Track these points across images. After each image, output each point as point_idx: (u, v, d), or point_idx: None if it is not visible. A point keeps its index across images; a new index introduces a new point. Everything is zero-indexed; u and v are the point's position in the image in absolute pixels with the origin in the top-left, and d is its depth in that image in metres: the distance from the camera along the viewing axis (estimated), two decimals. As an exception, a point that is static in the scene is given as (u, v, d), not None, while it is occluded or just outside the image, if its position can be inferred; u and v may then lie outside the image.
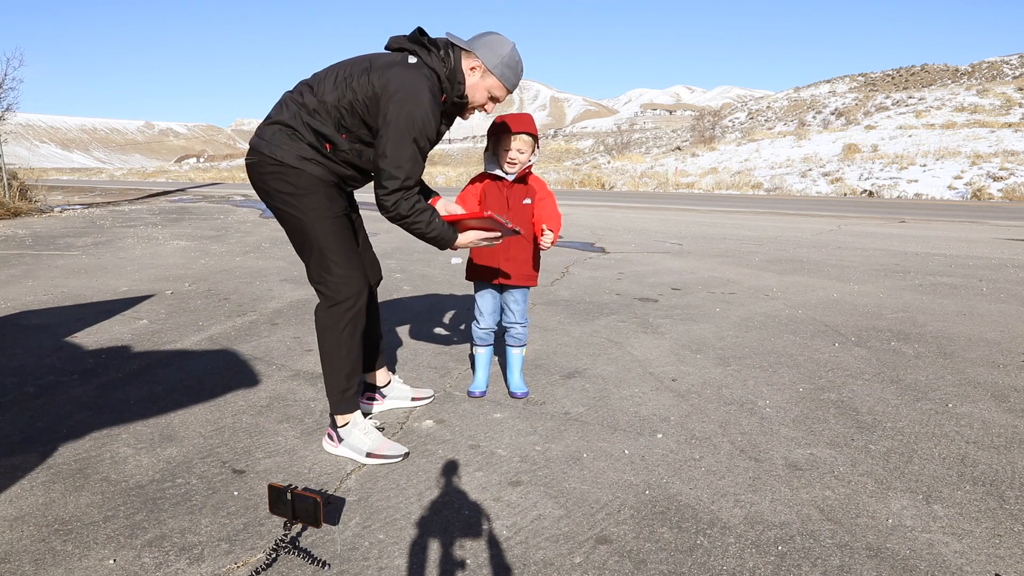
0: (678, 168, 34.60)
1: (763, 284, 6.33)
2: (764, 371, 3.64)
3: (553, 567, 1.83)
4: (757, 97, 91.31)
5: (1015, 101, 44.82)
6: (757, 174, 30.11)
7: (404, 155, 2.20)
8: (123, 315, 4.88)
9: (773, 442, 2.68)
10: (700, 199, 22.57)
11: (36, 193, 15.70)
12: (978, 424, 2.89)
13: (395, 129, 2.19)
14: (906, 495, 2.25)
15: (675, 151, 49.14)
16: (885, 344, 4.19)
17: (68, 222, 12.63)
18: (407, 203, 2.27)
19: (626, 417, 2.95)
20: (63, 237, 9.99)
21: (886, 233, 11.00)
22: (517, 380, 3.24)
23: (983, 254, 8.39)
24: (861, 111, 53.36)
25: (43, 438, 2.68)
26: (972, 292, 5.89)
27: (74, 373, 3.52)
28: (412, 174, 2.24)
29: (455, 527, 2.03)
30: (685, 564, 1.85)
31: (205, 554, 1.87)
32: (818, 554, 1.90)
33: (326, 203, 2.38)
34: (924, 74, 76.85)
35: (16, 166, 16.56)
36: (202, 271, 6.92)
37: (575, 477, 2.37)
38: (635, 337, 4.36)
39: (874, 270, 7.12)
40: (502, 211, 2.94)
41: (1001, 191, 21.81)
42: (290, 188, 2.34)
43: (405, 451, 2.53)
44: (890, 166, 27.03)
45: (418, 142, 2.22)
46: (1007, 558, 1.89)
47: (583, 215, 14.57)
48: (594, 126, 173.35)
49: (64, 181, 45.02)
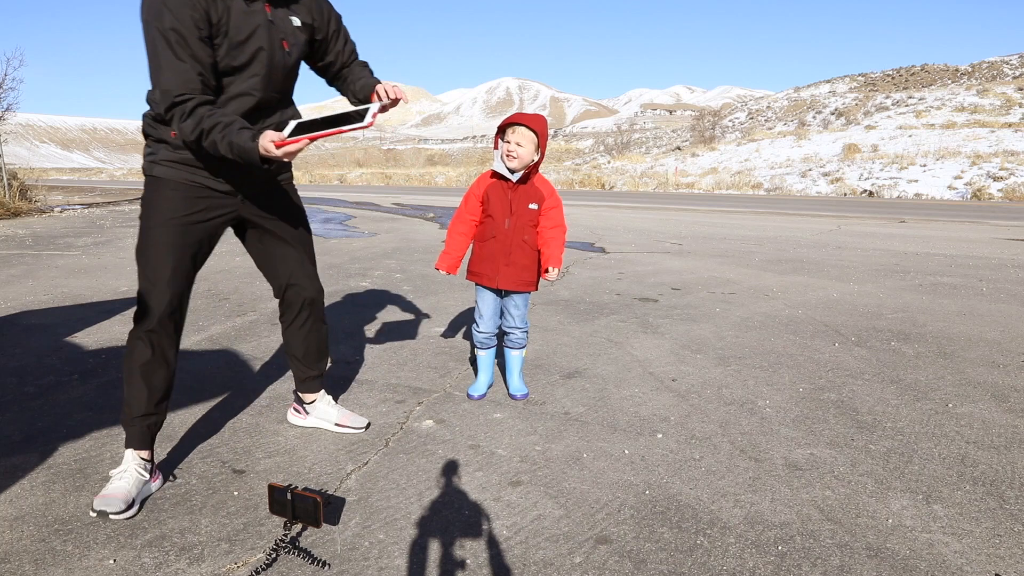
0: (678, 168, 34.60)
1: (763, 284, 6.33)
2: (764, 371, 3.64)
3: (553, 567, 1.83)
4: (757, 97, 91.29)
5: (1015, 101, 44.82)
6: (757, 174, 30.11)
7: (158, 64, 1.84)
8: (123, 315, 4.88)
9: (773, 442, 2.68)
10: (700, 199, 22.56)
11: (36, 193, 15.71)
12: (978, 424, 2.89)
13: (146, 44, 1.86)
14: (906, 495, 2.25)
15: (675, 151, 49.14)
16: (885, 344, 4.19)
17: (68, 222, 12.63)
18: (188, 123, 1.88)
19: (626, 417, 2.95)
20: (63, 237, 9.99)
21: (886, 233, 11.00)
22: (517, 382, 3.21)
23: (983, 254, 8.39)
24: (861, 111, 53.36)
25: (43, 438, 2.68)
26: (972, 292, 5.89)
27: (74, 373, 3.52)
28: (172, 85, 1.84)
29: (455, 527, 2.03)
30: (685, 564, 1.85)
31: (205, 554, 1.87)
32: (818, 554, 1.90)
33: (167, 207, 2.08)
34: (924, 74, 76.83)
35: (16, 166, 16.57)
36: (202, 271, 6.92)
37: (575, 477, 2.37)
38: (635, 337, 4.36)
39: (874, 270, 7.12)
40: (505, 214, 2.91)
41: (1001, 191, 21.81)
42: (143, 198, 2.14)
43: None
44: (890, 166, 27.03)
45: (167, 37, 1.82)
46: (1007, 558, 1.89)
47: (583, 215, 14.57)
48: (594, 126, 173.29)
49: (64, 181, 45.00)
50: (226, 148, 1.86)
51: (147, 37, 1.85)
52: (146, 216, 2.13)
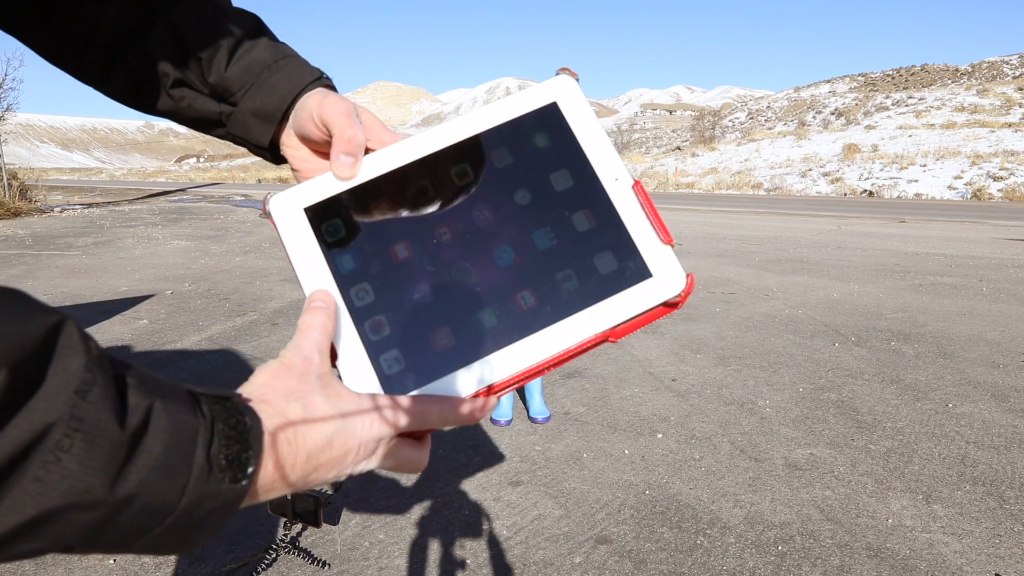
0: (678, 168, 34.64)
1: (763, 284, 6.33)
2: (764, 371, 3.64)
3: (553, 567, 1.83)
4: (757, 97, 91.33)
5: (1015, 101, 44.84)
6: (757, 174, 30.13)
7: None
8: (123, 315, 4.88)
9: (773, 442, 2.68)
10: (700, 199, 22.58)
11: (36, 193, 15.72)
12: (978, 424, 2.89)
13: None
14: (906, 495, 2.25)
15: (675, 151, 49.19)
16: (885, 344, 4.19)
17: (68, 222, 12.63)
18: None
19: (626, 417, 2.95)
20: (63, 237, 9.99)
21: (886, 233, 11.01)
22: (539, 404, 3.00)
23: (983, 254, 8.39)
24: (861, 111, 53.39)
25: (43, 438, 2.68)
26: (972, 292, 5.89)
27: (74, 373, 3.52)
28: None
29: (455, 527, 2.03)
30: (685, 564, 1.85)
31: (205, 554, 1.87)
32: (818, 554, 1.90)
33: None
34: (924, 74, 76.88)
35: (16, 166, 16.59)
36: (202, 271, 6.92)
37: (575, 477, 2.37)
38: (635, 337, 4.36)
39: (874, 270, 7.12)
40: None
41: (1001, 191, 21.82)
42: None
43: None
44: (890, 166, 27.04)
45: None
46: (1007, 558, 1.89)
47: (583, 215, 14.56)
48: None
49: (64, 181, 45.04)
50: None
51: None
52: None
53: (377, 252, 0.46)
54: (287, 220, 0.47)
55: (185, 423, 0.31)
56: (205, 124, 0.58)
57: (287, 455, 0.36)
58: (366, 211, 0.47)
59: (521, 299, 0.45)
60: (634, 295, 0.46)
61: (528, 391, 3.03)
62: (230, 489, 0.33)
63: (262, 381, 0.38)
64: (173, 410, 0.31)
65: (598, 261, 0.46)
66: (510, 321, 0.45)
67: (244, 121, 0.56)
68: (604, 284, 0.46)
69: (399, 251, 0.46)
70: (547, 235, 0.46)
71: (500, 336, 0.44)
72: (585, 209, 0.47)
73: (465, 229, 0.46)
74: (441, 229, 0.46)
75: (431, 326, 0.44)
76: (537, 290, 0.45)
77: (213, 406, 0.33)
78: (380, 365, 0.43)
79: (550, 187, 0.48)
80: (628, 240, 0.47)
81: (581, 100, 0.51)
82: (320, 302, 0.44)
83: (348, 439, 0.39)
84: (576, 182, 0.48)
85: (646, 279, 0.46)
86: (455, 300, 0.45)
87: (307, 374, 0.39)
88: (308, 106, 0.52)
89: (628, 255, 0.47)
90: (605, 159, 0.49)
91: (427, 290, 0.45)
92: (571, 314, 0.45)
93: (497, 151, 0.48)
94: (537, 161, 0.48)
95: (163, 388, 0.31)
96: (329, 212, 0.47)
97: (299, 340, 0.41)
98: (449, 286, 0.45)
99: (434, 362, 0.43)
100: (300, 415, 0.37)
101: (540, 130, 0.49)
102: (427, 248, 0.46)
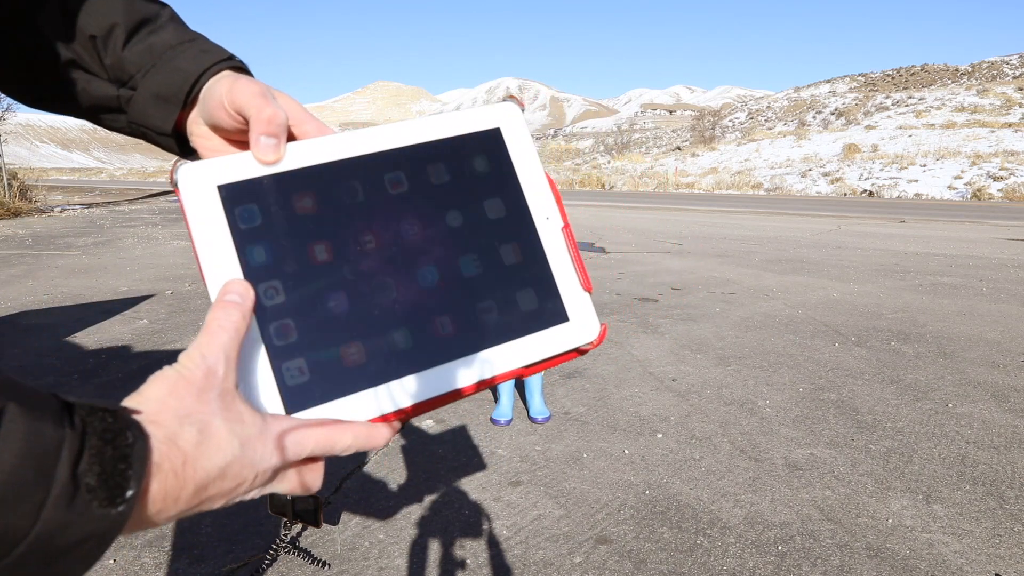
0: (678, 168, 34.65)
1: (763, 284, 6.33)
2: (764, 371, 3.64)
3: (553, 567, 1.83)
4: (757, 97, 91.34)
5: (1015, 101, 44.85)
6: (757, 174, 30.13)
7: None
8: (123, 315, 4.88)
9: (773, 442, 2.68)
10: (700, 199, 22.58)
11: (36, 193, 15.72)
12: (978, 424, 2.89)
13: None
14: (906, 495, 2.25)
15: (675, 151, 49.19)
16: (885, 344, 4.19)
17: (68, 222, 12.63)
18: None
19: (626, 417, 2.95)
20: (63, 237, 10.00)
21: (886, 233, 11.01)
22: (539, 404, 2.99)
23: (983, 254, 8.39)
24: (861, 111, 53.39)
25: (43, 438, 2.68)
26: (972, 292, 5.89)
27: (74, 373, 3.52)
28: None
29: (455, 527, 2.03)
30: (685, 564, 1.85)
31: (205, 554, 1.87)
32: (818, 554, 1.90)
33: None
34: (924, 74, 76.88)
35: (16, 166, 16.59)
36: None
37: (575, 477, 2.37)
38: (635, 337, 4.36)
39: (874, 270, 7.12)
40: None
41: (1001, 191, 21.83)
42: None
43: None
44: (890, 166, 27.04)
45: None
46: (1007, 558, 1.89)
47: (583, 215, 14.56)
48: (594, 126, 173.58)
49: (64, 181, 45.04)
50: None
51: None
52: None
53: (294, 249, 0.41)
54: (196, 194, 0.41)
55: (44, 432, 0.25)
56: (102, 112, 0.52)
57: (172, 487, 0.30)
58: (287, 202, 0.42)
59: (440, 324, 0.42)
60: (550, 337, 0.44)
61: (528, 391, 3.01)
62: (103, 515, 0.26)
63: (155, 396, 0.33)
64: (31, 416, 0.25)
65: (520, 297, 0.45)
66: (426, 346, 0.42)
67: (144, 105, 0.49)
68: (522, 321, 0.44)
69: (318, 252, 0.41)
70: (473, 262, 0.44)
71: (413, 359, 0.41)
72: (514, 242, 0.46)
73: (392, 241, 0.43)
74: (366, 237, 0.42)
75: (342, 339, 0.40)
76: (457, 318, 0.43)
77: (88, 417, 0.28)
78: (282, 374, 0.39)
79: (483, 214, 0.45)
80: (551, 281, 0.46)
81: (523, 131, 0.49)
82: (236, 295, 0.38)
83: (244, 469, 0.34)
84: (508, 213, 0.46)
85: (563, 322, 0.45)
86: (372, 315, 0.41)
87: (208, 390, 0.34)
88: (217, 92, 0.46)
89: (549, 296, 0.45)
90: (539, 196, 0.48)
91: (343, 300, 0.41)
92: (487, 347, 0.43)
93: (435, 166, 0.45)
94: (473, 185, 0.46)
95: (22, 391, 0.26)
96: (245, 195, 0.41)
97: (204, 344, 0.35)
98: (367, 299, 0.41)
99: (341, 378, 0.40)
100: (194, 442, 0.32)
101: (480, 154, 0.47)
102: (349, 255, 0.42)
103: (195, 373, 0.33)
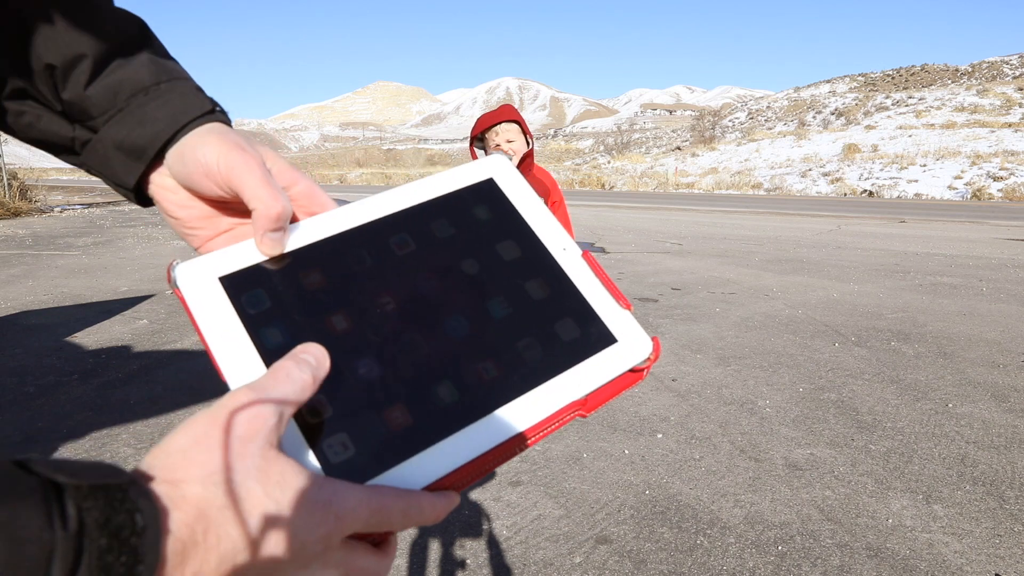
0: (678, 168, 34.65)
1: (763, 284, 6.33)
2: (764, 371, 3.64)
3: (553, 567, 1.83)
4: (757, 97, 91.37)
5: (1015, 101, 44.85)
6: (757, 174, 30.15)
7: None
8: (123, 315, 4.88)
9: (773, 442, 2.68)
10: (700, 199, 22.59)
11: (36, 193, 15.72)
12: (978, 424, 2.89)
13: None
14: (906, 495, 2.25)
15: (675, 151, 49.21)
16: (885, 344, 4.19)
17: (68, 222, 12.63)
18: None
19: (626, 417, 2.95)
20: (63, 237, 10.00)
21: (886, 233, 11.01)
22: None
23: (983, 254, 8.39)
24: (861, 111, 53.39)
25: (43, 438, 2.68)
26: (972, 292, 5.89)
27: (74, 373, 3.52)
28: None
29: (455, 527, 2.03)
30: (685, 564, 1.85)
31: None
32: (818, 554, 1.90)
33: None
34: (924, 74, 76.91)
35: (16, 166, 16.57)
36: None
37: (575, 477, 2.37)
38: (635, 337, 4.36)
39: (874, 270, 7.12)
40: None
41: (1001, 191, 21.83)
42: None
43: None
44: (890, 166, 27.05)
45: None
46: (1007, 558, 1.89)
47: (583, 215, 14.57)
48: (594, 126, 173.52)
49: (64, 181, 45.05)
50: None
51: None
52: None
53: (310, 324, 0.39)
54: (198, 290, 0.40)
55: (28, 541, 0.20)
56: (52, 149, 0.45)
57: (193, 559, 0.25)
58: (294, 280, 0.40)
59: (483, 369, 0.40)
60: (602, 361, 0.42)
61: None
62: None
63: (179, 447, 0.27)
64: (11, 521, 0.20)
65: (559, 328, 0.43)
66: (474, 394, 0.39)
67: (105, 154, 0.43)
68: (569, 351, 0.42)
69: (336, 322, 0.39)
70: (501, 304, 0.42)
71: (465, 411, 0.38)
72: (538, 278, 0.44)
73: (410, 298, 0.41)
74: (383, 299, 0.41)
75: (383, 403, 0.37)
76: (499, 359, 0.40)
77: (84, 503, 0.22)
78: (324, 453, 0.35)
79: (498, 257, 0.44)
80: (587, 306, 0.44)
81: (517, 178, 0.48)
82: (312, 357, 0.33)
83: (282, 540, 0.27)
84: (524, 252, 0.45)
85: (611, 344, 0.43)
86: (408, 374, 0.39)
87: (249, 442, 0.28)
88: (200, 155, 0.40)
89: (589, 321, 0.43)
90: (550, 231, 0.47)
91: (374, 364, 0.38)
92: (538, 383, 0.40)
93: (437, 222, 0.45)
94: (480, 232, 0.45)
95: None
96: (249, 282, 0.40)
97: (264, 385, 0.30)
98: (399, 359, 0.39)
99: (390, 445, 0.36)
100: (220, 504, 0.26)
101: (479, 203, 0.46)
102: (369, 318, 0.40)
103: (236, 420, 0.28)
